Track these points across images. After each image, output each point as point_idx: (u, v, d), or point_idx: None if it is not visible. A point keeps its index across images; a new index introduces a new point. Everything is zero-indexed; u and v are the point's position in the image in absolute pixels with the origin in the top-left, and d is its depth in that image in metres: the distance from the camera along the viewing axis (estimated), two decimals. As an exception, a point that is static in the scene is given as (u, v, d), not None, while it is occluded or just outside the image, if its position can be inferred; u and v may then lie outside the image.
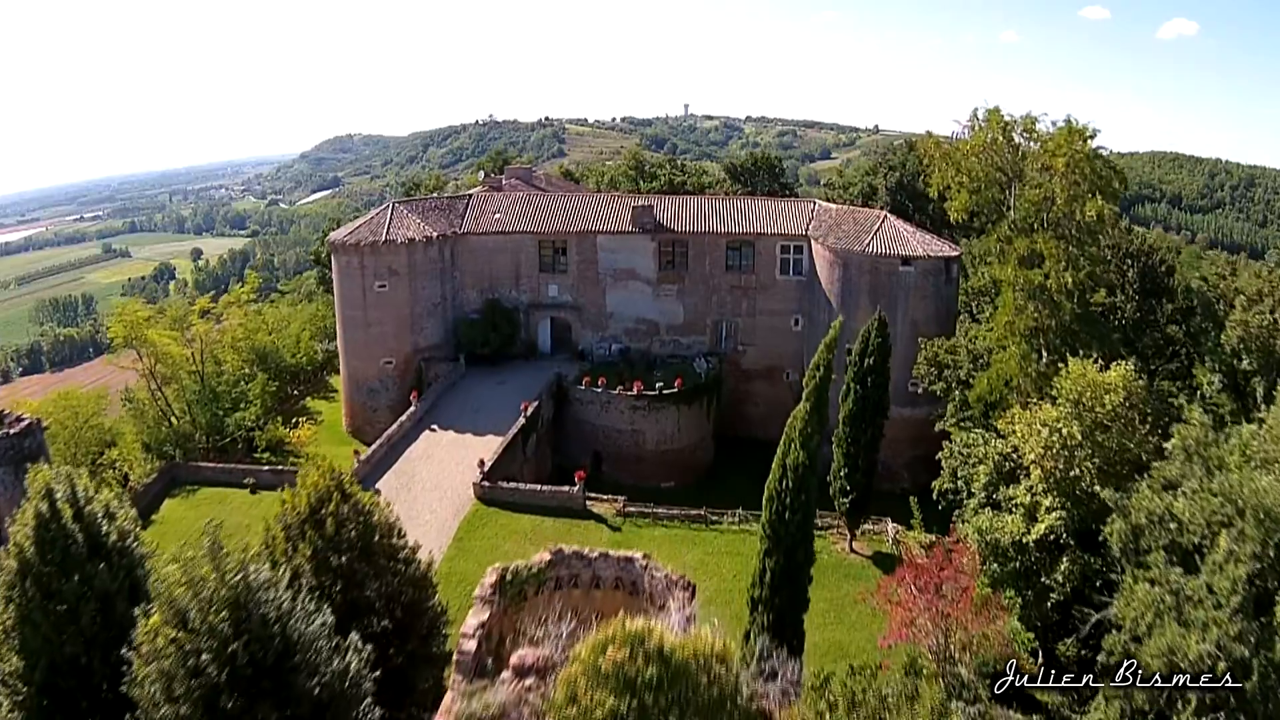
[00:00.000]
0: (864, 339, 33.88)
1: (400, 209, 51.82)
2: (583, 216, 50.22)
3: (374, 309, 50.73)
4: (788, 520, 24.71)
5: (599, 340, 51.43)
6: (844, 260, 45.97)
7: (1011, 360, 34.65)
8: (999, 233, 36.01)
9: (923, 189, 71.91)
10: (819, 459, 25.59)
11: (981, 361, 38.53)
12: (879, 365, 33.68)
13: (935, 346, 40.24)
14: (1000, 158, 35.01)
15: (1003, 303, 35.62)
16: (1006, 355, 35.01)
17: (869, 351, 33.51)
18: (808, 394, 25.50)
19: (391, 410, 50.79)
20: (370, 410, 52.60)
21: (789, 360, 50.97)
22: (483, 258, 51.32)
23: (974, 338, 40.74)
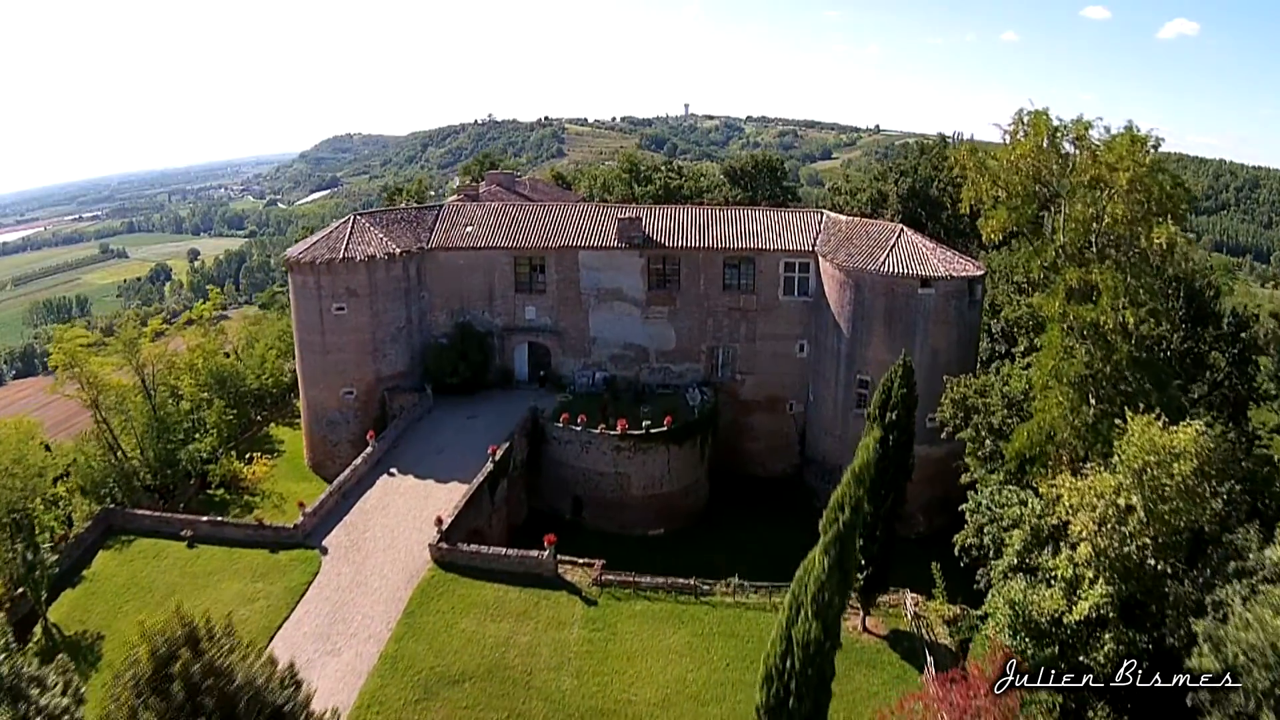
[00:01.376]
0: (885, 388, 28.02)
1: (362, 222, 45.99)
2: (563, 230, 44.37)
3: (332, 334, 44.96)
4: (792, 713, 18.23)
5: (581, 368, 45.61)
6: (856, 281, 40.13)
7: (1055, 410, 28.86)
8: (1043, 257, 30.10)
9: (936, 196, 66.31)
10: (839, 633, 19.32)
11: (1018, 408, 32.73)
12: (903, 420, 27.85)
13: (963, 387, 34.40)
14: (1047, 169, 29.07)
15: (1047, 342, 29.72)
16: (1049, 403, 29.19)
17: (892, 403, 27.66)
18: (826, 542, 19.15)
19: (353, 445, 45.25)
20: (330, 444, 46.91)
21: (793, 390, 45.15)
22: (453, 276, 45.50)
23: (1007, 376, 34.89)
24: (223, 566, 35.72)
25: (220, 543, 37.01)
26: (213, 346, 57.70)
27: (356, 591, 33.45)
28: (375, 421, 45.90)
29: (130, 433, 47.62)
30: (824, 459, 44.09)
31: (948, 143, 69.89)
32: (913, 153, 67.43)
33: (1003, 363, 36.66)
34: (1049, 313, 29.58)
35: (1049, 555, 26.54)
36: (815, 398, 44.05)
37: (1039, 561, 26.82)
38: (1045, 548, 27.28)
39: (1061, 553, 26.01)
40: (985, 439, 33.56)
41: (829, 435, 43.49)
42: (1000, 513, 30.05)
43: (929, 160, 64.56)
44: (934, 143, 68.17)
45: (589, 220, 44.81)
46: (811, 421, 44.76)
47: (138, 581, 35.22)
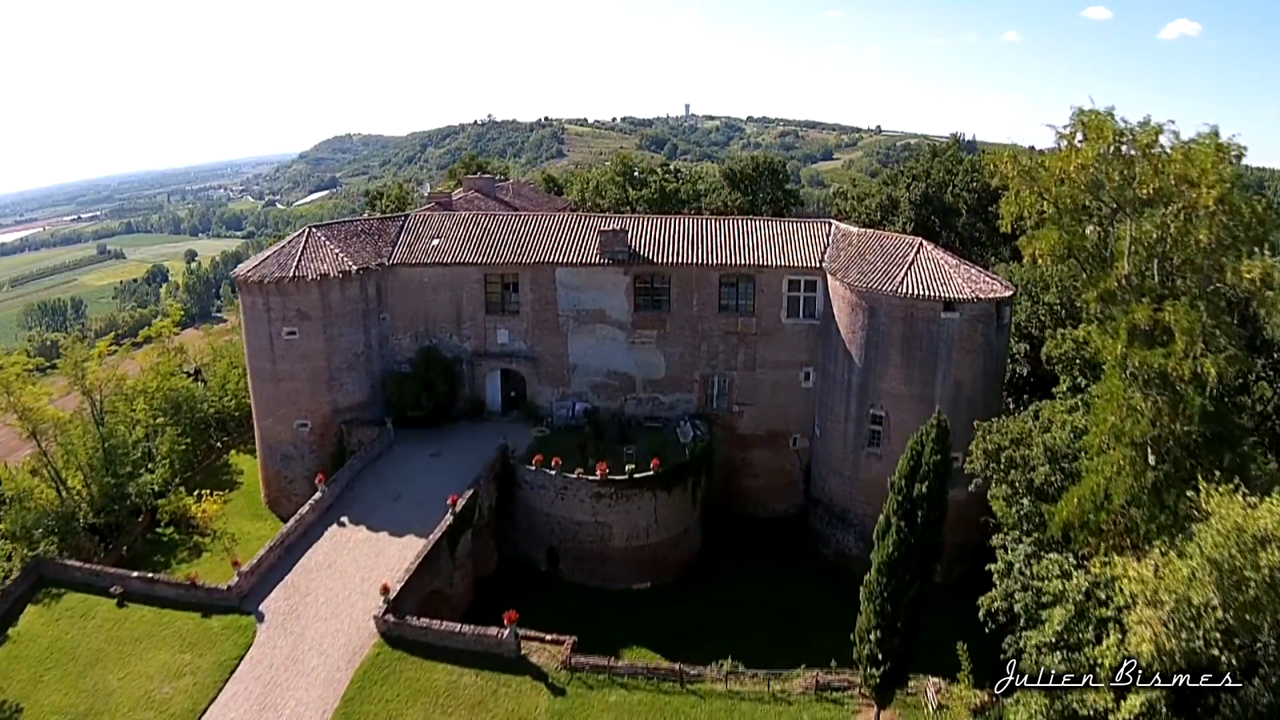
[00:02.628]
0: (914, 454, 22.74)
1: (317, 236, 40.69)
2: (538, 243, 39.05)
3: (283, 360, 39.73)
4: None
5: (560, 398, 40.31)
6: (870, 304, 34.81)
7: (1114, 473, 23.58)
8: (1100, 287, 24.69)
9: (951, 202, 60.92)
10: None
11: (1063, 462, 27.41)
12: (936, 493, 22.57)
13: (997, 435, 29.02)
14: (1110, 182, 23.69)
15: (1105, 394, 24.26)
16: (1105, 466, 23.92)
17: (923, 472, 22.40)
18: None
19: (309, 482, 40.14)
20: (286, 480, 41.82)
21: (796, 423, 39.85)
22: (417, 295, 40.23)
23: (1048, 422, 29.55)
24: (152, 631, 31.25)
25: (152, 602, 32.54)
26: (168, 367, 52.69)
27: (292, 670, 28.39)
28: (332, 457, 40.88)
29: (73, 466, 42.76)
30: (831, 501, 38.84)
31: (961, 145, 64.51)
32: (924, 156, 62.01)
33: (1040, 403, 31.26)
34: (1108, 356, 24.21)
35: (1091, 633, 22.34)
36: (822, 432, 38.77)
37: (1079, 637, 22.57)
38: (1089, 627, 22.76)
39: (1109, 636, 21.50)
40: (1023, 497, 28.26)
41: (837, 475, 38.22)
42: (1039, 585, 25.22)
43: (942, 164, 59.18)
44: (947, 145, 62.76)
45: (568, 232, 39.49)
46: (818, 458, 39.48)
47: (63, 645, 31.00)
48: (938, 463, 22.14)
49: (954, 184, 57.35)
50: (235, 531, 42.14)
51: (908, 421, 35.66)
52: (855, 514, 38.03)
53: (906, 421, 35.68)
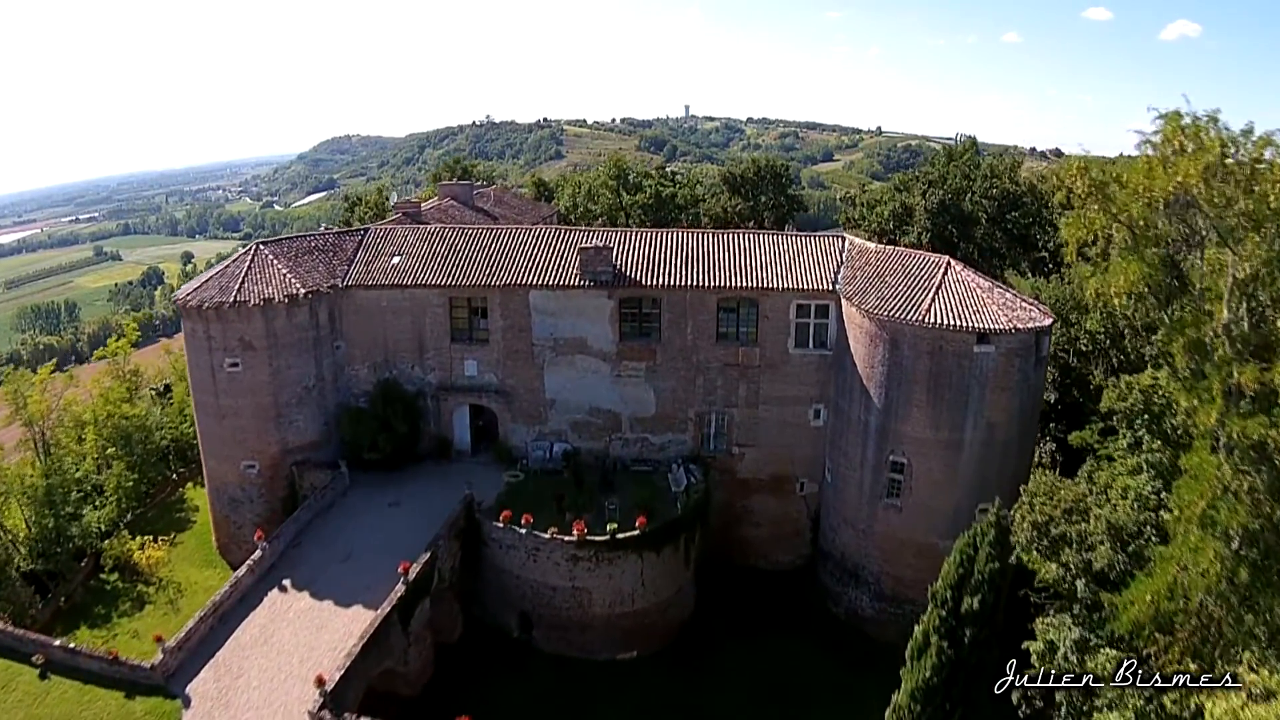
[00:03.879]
0: (963, 557, 17.60)
1: (265, 253, 35.51)
2: (510, 262, 33.84)
3: (226, 395, 34.65)
4: None
5: (536, 438, 35.11)
6: (891, 335, 29.63)
7: (1196, 566, 18.50)
8: (1189, 335, 19.48)
9: (970, 210, 55.73)
10: None
11: (1127, 541, 22.28)
12: (989, 609, 17.41)
13: (1048, 506, 23.80)
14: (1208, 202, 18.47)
15: (1195, 468, 19.06)
16: (1185, 551, 18.81)
17: (975, 583, 17.24)
18: None
19: (260, 529, 35.38)
20: (234, 526, 36.89)
21: (804, 467, 34.69)
22: (374, 321, 35.06)
23: (1104, 487, 24.40)
24: (72, 712, 26.64)
25: (76, 675, 27.99)
26: (118, 394, 47.71)
27: (208, 783, 23.40)
28: (284, 501, 35.91)
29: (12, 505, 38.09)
30: (842, 555, 33.72)
31: (978, 149, 59.29)
32: (940, 160, 56.79)
33: (1097, 465, 26.03)
34: (1200, 424, 19.00)
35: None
36: (833, 477, 33.62)
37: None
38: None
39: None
40: (1077, 578, 23.09)
41: (850, 527, 33.09)
42: (1092, 681, 20.49)
43: (959, 168, 53.99)
44: (963, 147, 57.55)
45: (544, 250, 34.25)
46: (828, 507, 34.34)
47: (-24, 726, 26.56)
48: (994, 572, 17.02)
49: (972, 190, 52.18)
50: (182, 580, 37.71)
51: (933, 470, 30.64)
52: (870, 571, 32.97)
53: (931, 470, 30.64)
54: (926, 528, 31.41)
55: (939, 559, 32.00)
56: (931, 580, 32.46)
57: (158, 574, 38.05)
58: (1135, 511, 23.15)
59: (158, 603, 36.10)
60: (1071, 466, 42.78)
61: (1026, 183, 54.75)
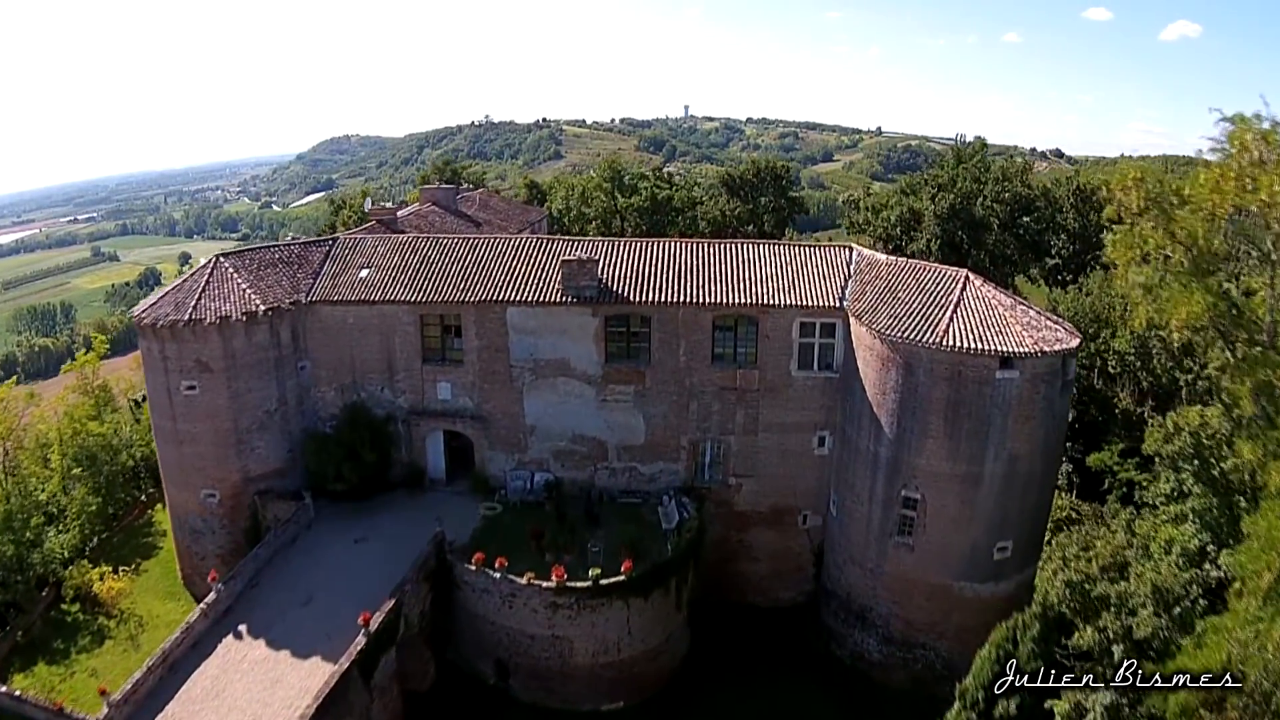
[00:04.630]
0: (999, 654, 15.05)
1: (225, 266, 32.49)
2: (486, 277, 30.78)
3: (184, 419, 31.66)
4: None
5: (515, 468, 32.08)
6: (905, 358, 26.59)
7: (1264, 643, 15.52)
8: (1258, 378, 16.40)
9: (982, 216, 52.68)
10: None
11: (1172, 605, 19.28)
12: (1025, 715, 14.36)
13: (1084, 563, 20.77)
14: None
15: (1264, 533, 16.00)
16: (1244, 623, 15.84)
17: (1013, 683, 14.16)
18: None
19: (223, 561, 32.48)
20: (197, 558, 33.99)
21: (807, 498, 31.67)
22: (341, 340, 32.02)
23: (1145, 540, 21.40)
24: None
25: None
26: (83, 411, 44.82)
27: None
28: (246, 533, 33.02)
29: None
30: (848, 594, 30.73)
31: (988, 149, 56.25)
32: (949, 163, 53.72)
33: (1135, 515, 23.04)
34: (1272, 483, 15.96)
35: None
36: (839, 511, 30.61)
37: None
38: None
39: None
40: (1114, 644, 20.06)
41: (856, 566, 30.09)
42: None
43: (969, 171, 50.94)
44: (973, 148, 54.50)
45: (524, 262, 31.18)
46: (833, 542, 31.34)
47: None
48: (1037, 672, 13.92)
49: (983, 194, 49.14)
50: (144, 614, 35.09)
51: (948, 507, 27.64)
52: (878, 613, 30.01)
53: (947, 507, 27.63)
54: (940, 568, 28.48)
55: (953, 600, 29.26)
56: (943, 624, 29.94)
57: (119, 606, 35.43)
58: (1181, 569, 20.22)
59: (118, 638, 33.51)
60: (1088, 488, 39.94)
61: (1039, 186, 51.75)
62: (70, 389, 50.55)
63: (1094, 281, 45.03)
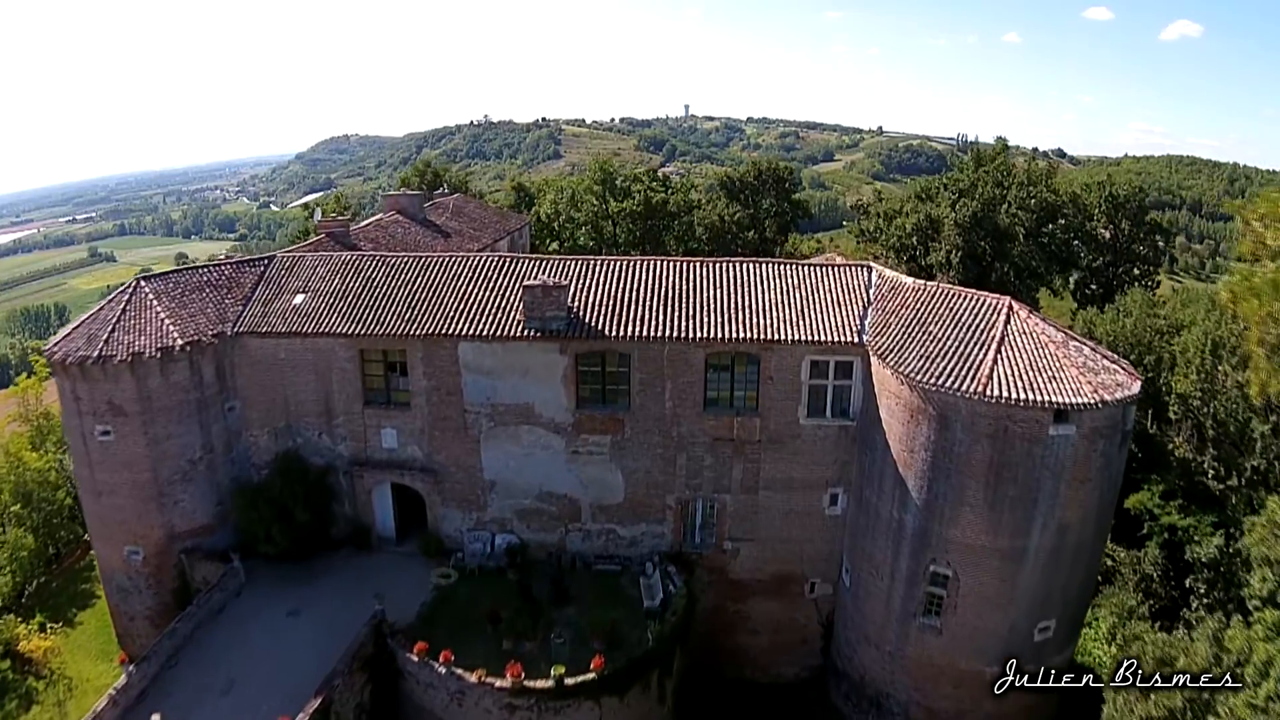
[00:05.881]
0: None
1: (145, 292, 27.57)
2: (436, 305, 25.75)
3: (100, 468, 26.86)
4: None
5: (473, 528, 27.07)
6: (940, 410, 21.58)
7: None
8: None
9: (1006, 224, 47.50)
10: None
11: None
12: None
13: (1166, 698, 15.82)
14: None
15: None
16: None
17: None
18: None
19: (152, 623, 28.02)
20: (127, 618, 29.33)
21: (815, 564, 26.65)
22: (272, 377, 27.04)
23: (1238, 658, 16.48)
24: None
25: None
26: (18, 445, 40.31)
27: None
28: (175, 594, 28.39)
29: None
30: (862, 677, 25.78)
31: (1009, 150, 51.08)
32: (968, 166, 48.63)
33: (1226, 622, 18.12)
34: None
35: None
36: (854, 582, 25.63)
37: None
38: None
39: None
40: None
41: (873, 647, 25.12)
42: None
43: (991, 175, 45.85)
44: (994, 150, 49.34)
45: (481, 287, 26.12)
46: (845, 616, 26.36)
47: None
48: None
49: (1007, 200, 44.07)
50: (75, 675, 31.48)
51: (984, 585, 22.69)
52: (896, 700, 25.13)
53: (983, 585, 22.68)
54: (971, 652, 23.60)
55: (985, 688, 24.24)
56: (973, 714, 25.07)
57: (49, 665, 31.61)
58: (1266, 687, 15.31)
59: (45, 703, 30.14)
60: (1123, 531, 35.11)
61: (1067, 191, 46.67)
62: (10, 417, 46.08)
63: (1132, 300, 39.97)
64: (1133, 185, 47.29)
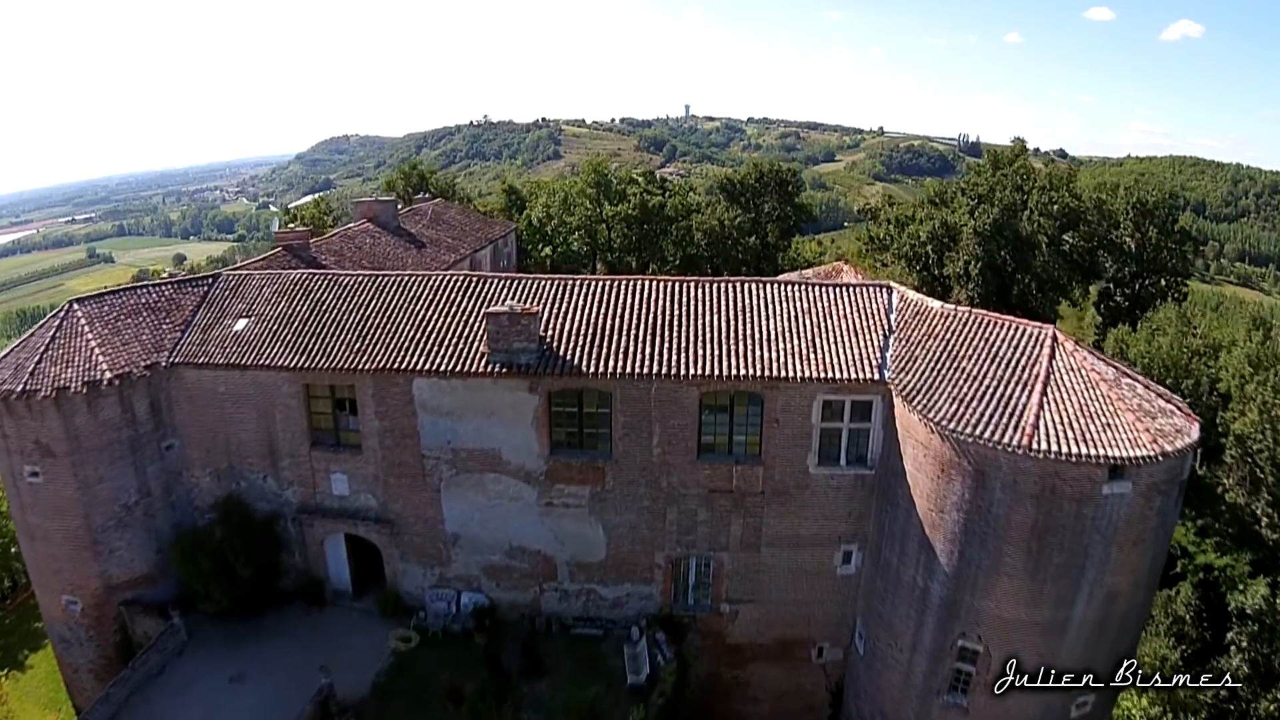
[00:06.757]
0: None
1: (77, 317, 24.25)
2: (388, 332, 22.37)
3: (32, 512, 23.87)
4: None
5: (436, 584, 23.70)
6: (977, 466, 18.16)
7: None
8: None
9: (1029, 232, 43.85)
10: None
11: None
12: None
13: None
14: None
15: None
16: None
17: None
18: None
19: (97, 678, 25.24)
20: (71, 669, 26.38)
21: (825, 627, 23.24)
22: (212, 413, 23.69)
23: None
24: None
25: None
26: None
27: None
28: (118, 648, 25.34)
29: None
30: (882, 754, 22.42)
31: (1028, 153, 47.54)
32: (985, 170, 45.11)
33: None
34: None
35: None
36: (868, 649, 22.24)
37: None
38: None
39: None
40: None
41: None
42: None
43: (1009, 179, 42.38)
44: (1012, 152, 45.78)
45: (439, 313, 22.71)
46: (858, 686, 22.96)
47: None
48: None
49: (1029, 207, 40.62)
50: None
51: (1021, 661, 19.23)
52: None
53: (1019, 661, 19.27)
54: (1004, 733, 20.26)
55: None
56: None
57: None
58: None
59: None
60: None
61: (1091, 197, 43.18)
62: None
63: (1165, 316, 36.53)
64: (1161, 191, 43.76)
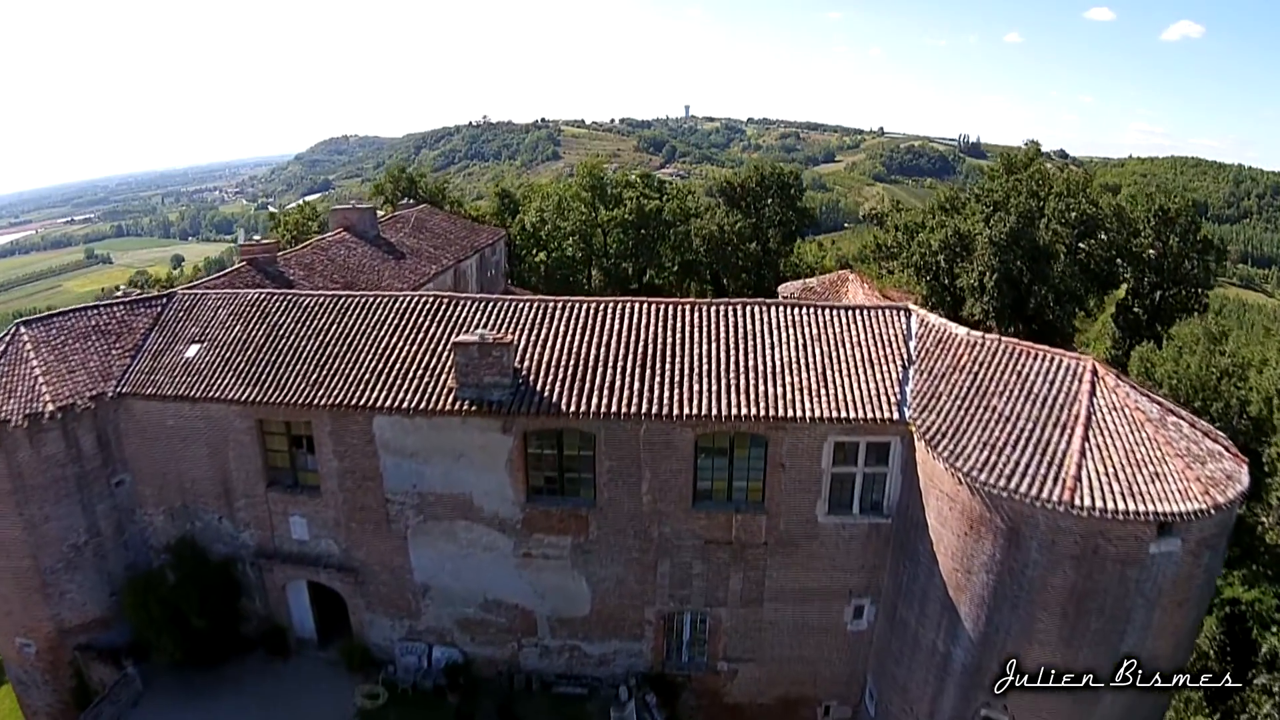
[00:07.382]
0: None
1: (23, 341, 22.03)
2: (350, 363, 20.09)
3: None
4: None
5: (406, 637, 21.45)
6: (1012, 523, 15.87)
7: None
8: None
9: (1048, 241, 41.46)
10: None
11: None
12: None
13: None
14: None
15: None
16: None
17: None
18: None
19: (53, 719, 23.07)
20: (30, 712, 24.51)
21: (833, 686, 20.94)
22: (162, 448, 21.44)
23: None
24: None
25: None
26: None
27: None
28: (74, 694, 23.41)
29: None
30: (897, 827, 20.16)
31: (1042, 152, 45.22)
32: (999, 175, 42.75)
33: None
34: None
35: None
36: (880, 712, 19.95)
37: None
38: None
39: None
40: None
41: (912, 795, 19.51)
42: None
43: (1025, 184, 40.05)
44: (1025, 155, 43.41)
45: (404, 340, 20.42)
46: (875, 750, 20.74)
47: None
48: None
49: (1046, 214, 38.32)
50: None
51: (1058, 733, 17.11)
52: None
53: (1059, 733, 17.11)
54: (1034, 809, 18.01)
55: None
56: None
57: None
58: None
59: None
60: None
61: (1110, 204, 40.88)
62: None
63: (1190, 332, 34.23)
64: (1185, 198, 41.48)
